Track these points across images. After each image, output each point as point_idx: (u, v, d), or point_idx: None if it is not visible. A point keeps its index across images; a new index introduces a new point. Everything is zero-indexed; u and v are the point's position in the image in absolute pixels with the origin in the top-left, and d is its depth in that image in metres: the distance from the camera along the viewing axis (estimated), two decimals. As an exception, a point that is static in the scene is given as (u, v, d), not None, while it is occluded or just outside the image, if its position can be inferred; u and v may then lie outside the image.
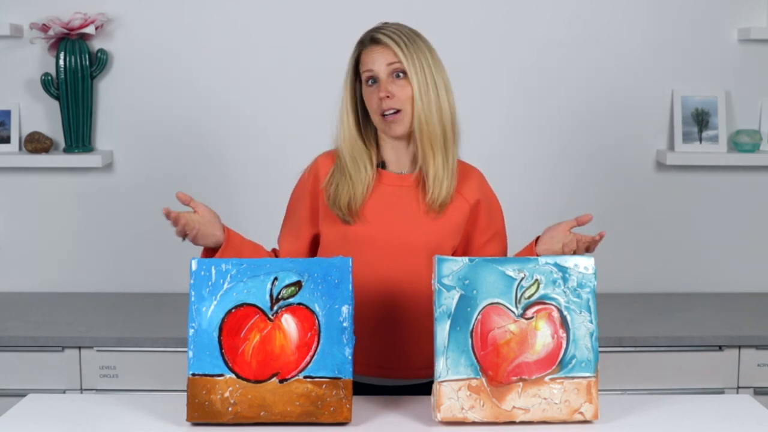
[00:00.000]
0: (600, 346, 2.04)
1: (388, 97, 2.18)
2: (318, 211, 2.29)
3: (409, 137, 2.25)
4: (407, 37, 2.22)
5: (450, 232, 2.26)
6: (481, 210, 2.30)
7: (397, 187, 2.26)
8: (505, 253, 2.37)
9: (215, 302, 1.96)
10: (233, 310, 1.96)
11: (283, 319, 1.96)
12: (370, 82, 2.21)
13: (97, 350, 2.95)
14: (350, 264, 1.97)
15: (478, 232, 2.31)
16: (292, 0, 3.37)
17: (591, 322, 1.98)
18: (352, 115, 2.26)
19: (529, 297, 1.98)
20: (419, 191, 2.25)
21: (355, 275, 2.00)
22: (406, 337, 2.24)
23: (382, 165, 2.28)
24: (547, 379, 1.96)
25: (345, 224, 2.23)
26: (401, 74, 2.19)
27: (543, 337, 1.97)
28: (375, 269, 2.21)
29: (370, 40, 2.23)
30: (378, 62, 2.20)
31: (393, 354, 2.25)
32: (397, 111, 2.19)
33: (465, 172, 2.31)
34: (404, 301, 2.22)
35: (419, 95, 2.19)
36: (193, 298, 1.96)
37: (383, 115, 2.20)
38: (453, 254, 2.28)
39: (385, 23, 2.26)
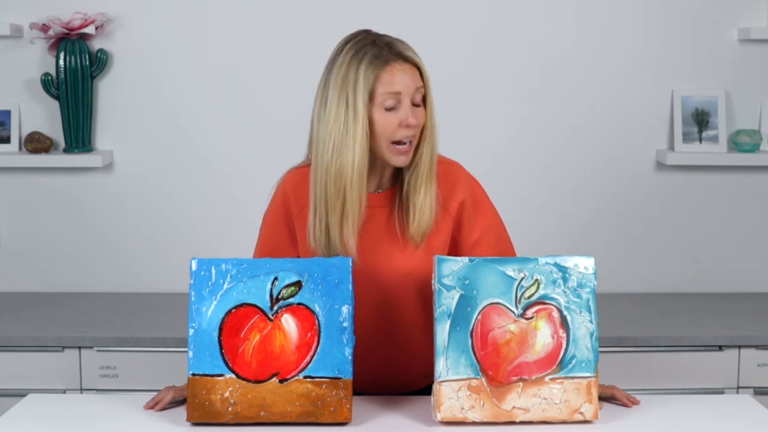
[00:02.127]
0: (600, 346, 2.04)
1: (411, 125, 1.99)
2: (296, 235, 2.16)
3: None
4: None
5: (437, 251, 2.12)
6: (464, 212, 2.14)
7: (374, 209, 2.11)
8: (501, 241, 2.21)
9: (215, 302, 1.96)
10: (233, 310, 1.96)
11: (283, 319, 1.96)
12: (388, 104, 1.99)
13: (97, 350, 2.94)
14: (350, 264, 1.97)
15: (464, 234, 2.15)
16: (294, 0, 3.37)
17: (591, 322, 1.98)
18: (368, 140, 2.00)
19: (529, 297, 1.98)
20: (395, 212, 2.10)
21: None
22: (404, 357, 2.18)
23: None
24: (547, 379, 1.96)
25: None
26: (417, 99, 2.02)
27: (543, 337, 1.97)
28: (365, 297, 2.09)
29: (396, 55, 2.00)
30: (408, 84, 1.99)
31: (391, 373, 2.19)
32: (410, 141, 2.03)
33: (445, 173, 2.13)
34: (398, 322, 2.14)
35: (435, 125, 2.05)
36: (193, 298, 1.96)
37: (395, 143, 2.02)
38: None
39: (385, 35, 2.05)
